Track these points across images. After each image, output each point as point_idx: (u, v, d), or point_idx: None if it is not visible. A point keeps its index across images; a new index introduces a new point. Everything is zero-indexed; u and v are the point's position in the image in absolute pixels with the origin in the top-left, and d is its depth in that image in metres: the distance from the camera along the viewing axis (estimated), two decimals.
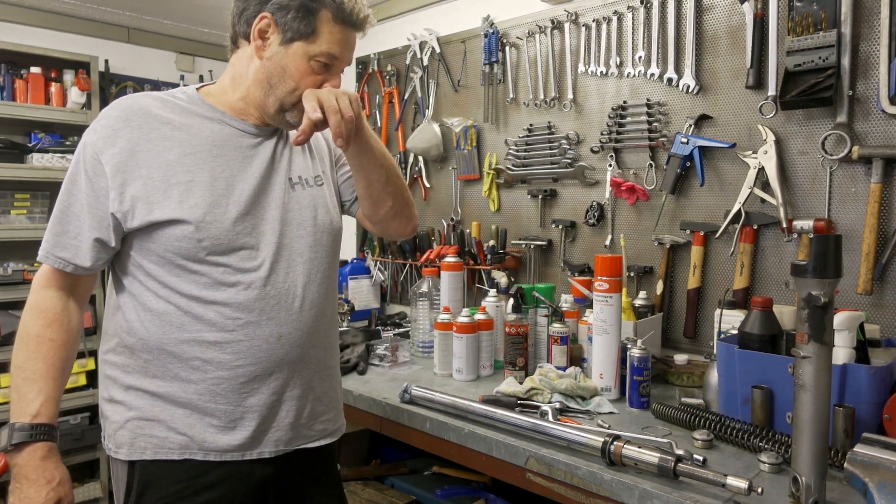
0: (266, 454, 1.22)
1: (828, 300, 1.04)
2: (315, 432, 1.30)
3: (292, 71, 1.19)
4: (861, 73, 1.69)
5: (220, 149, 1.20)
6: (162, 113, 1.19)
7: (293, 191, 1.27)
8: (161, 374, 1.17)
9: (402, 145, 2.94)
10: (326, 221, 1.30)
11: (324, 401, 1.32)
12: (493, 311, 2.00)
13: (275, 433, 1.23)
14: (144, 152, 1.15)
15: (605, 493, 1.24)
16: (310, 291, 1.25)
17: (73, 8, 3.15)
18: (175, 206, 1.13)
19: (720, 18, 1.95)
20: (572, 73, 2.31)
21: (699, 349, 1.98)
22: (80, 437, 3.02)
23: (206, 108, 1.23)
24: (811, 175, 1.79)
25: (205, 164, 1.17)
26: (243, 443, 1.19)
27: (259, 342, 1.19)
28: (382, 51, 3.04)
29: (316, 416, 1.30)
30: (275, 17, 1.18)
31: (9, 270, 2.87)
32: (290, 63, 1.19)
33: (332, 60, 1.21)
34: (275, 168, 1.26)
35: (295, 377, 1.24)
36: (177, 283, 1.16)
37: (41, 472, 1.10)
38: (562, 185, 2.38)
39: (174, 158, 1.15)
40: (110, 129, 1.16)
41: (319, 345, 1.29)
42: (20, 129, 3.04)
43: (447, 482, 2.29)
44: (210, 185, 1.16)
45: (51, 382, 1.15)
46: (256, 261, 1.19)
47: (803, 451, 1.07)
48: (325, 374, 1.32)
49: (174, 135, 1.17)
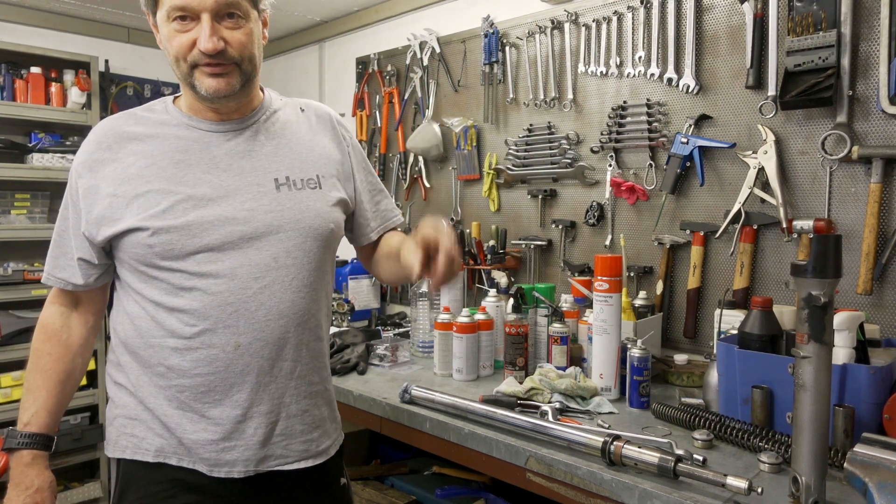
0: (234, 473, 1.16)
1: (828, 300, 1.04)
2: (292, 453, 1.21)
3: (166, 44, 1.14)
4: (861, 73, 1.69)
5: (183, 154, 1.18)
6: (131, 129, 1.20)
7: (278, 192, 1.20)
8: (138, 376, 1.19)
9: (402, 145, 2.94)
10: (315, 226, 1.22)
11: (304, 419, 1.22)
12: (493, 311, 2.00)
13: (243, 451, 1.16)
14: (110, 171, 1.17)
15: (605, 493, 1.24)
16: (280, 300, 1.17)
17: (73, 8, 3.15)
18: (132, 216, 1.14)
19: (720, 18, 1.95)
20: (572, 73, 2.31)
21: (699, 349, 1.98)
22: (80, 437, 3.02)
23: (175, 116, 1.21)
24: (811, 175, 1.79)
25: (164, 171, 1.16)
26: (209, 457, 1.15)
27: (215, 351, 1.13)
28: (382, 51, 3.04)
29: (292, 435, 1.21)
30: (142, 6, 1.17)
31: (9, 270, 2.87)
32: (163, 38, 1.15)
33: (183, 11, 1.10)
34: (253, 167, 1.20)
35: (261, 391, 1.16)
36: (144, 289, 1.17)
37: (22, 478, 1.19)
38: (562, 185, 2.38)
39: (135, 172, 1.16)
40: (87, 153, 1.20)
41: (293, 358, 1.20)
42: (20, 129, 3.04)
43: (447, 482, 2.29)
44: (166, 192, 1.14)
45: (44, 394, 1.23)
46: (215, 265, 1.14)
47: (803, 451, 1.07)
48: (304, 390, 1.23)
49: (138, 149, 1.18)
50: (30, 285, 2.91)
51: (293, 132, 1.28)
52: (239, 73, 1.15)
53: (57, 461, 2.98)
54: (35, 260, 3.01)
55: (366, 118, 3.15)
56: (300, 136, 1.29)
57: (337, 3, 3.08)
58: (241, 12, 1.13)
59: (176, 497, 1.16)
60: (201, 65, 1.12)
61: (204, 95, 1.15)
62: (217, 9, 1.10)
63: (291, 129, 1.29)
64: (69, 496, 3.07)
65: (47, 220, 3.02)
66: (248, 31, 1.14)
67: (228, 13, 1.12)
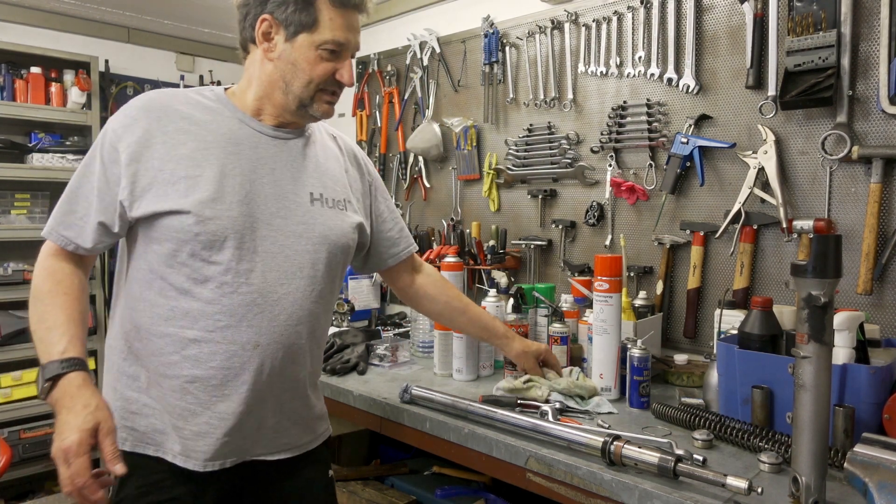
0: (227, 464, 1.20)
1: (828, 300, 1.04)
2: (284, 446, 1.28)
3: (303, 64, 1.20)
4: (861, 73, 1.69)
5: (235, 146, 1.21)
6: (182, 108, 1.21)
7: (311, 205, 1.26)
8: (146, 364, 1.19)
9: (402, 145, 2.94)
10: (340, 243, 1.29)
11: (292, 417, 1.29)
12: (493, 311, 2.00)
13: (240, 443, 1.21)
14: (159, 144, 1.16)
15: (605, 493, 1.24)
16: (300, 307, 1.22)
17: (73, 8, 3.15)
18: (178, 197, 1.13)
19: (720, 18, 1.95)
20: (572, 73, 2.31)
21: (699, 349, 1.98)
22: None
23: (229, 107, 1.25)
24: (811, 175, 1.79)
25: (216, 159, 1.18)
26: (206, 451, 1.17)
27: (235, 347, 1.16)
28: (382, 51, 3.04)
29: (280, 430, 1.27)
30: (275, 16, 1.19)
31: (9, 270, 2.87)
32: (299, 57, 1.20)
33: (339, 46, 1.21)
34: (294, 177, 1.26)
35: (266, 390, 1.21)
36: (170, 275, 1.16)
37: (78, 399, 1.07)
38: (562, 185, 2.38)
39: (186, 152, 1.17)
40: (131, 118, 1.18)
41: (298, 363, 1.25)
42: (20, 129, 3.04)
43: (447, 482, 2.29)
44: (217, 181, 1.16)
45: (73, 326, 1.14)
46: (249, 264, 1.17)
47: (803, 451, 1.07)
48: (298, 392, 1.29)
49: (190, 129, 1.19)
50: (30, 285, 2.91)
51: (331, 156, 1.37)
52: None
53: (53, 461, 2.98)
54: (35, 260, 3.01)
55: (366, 118, 3.15)
56: (335, 160, 1.37)
57: None
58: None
59: (174, 487, 1.19)
60: (327, 92, 1.24)
61: (317, 117, 1.27)
62: (356, 51, 1.28)
63: (330, 154, 1.37)
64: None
65: (47, 220, 3.01)
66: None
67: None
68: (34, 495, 3.05)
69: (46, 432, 2.93)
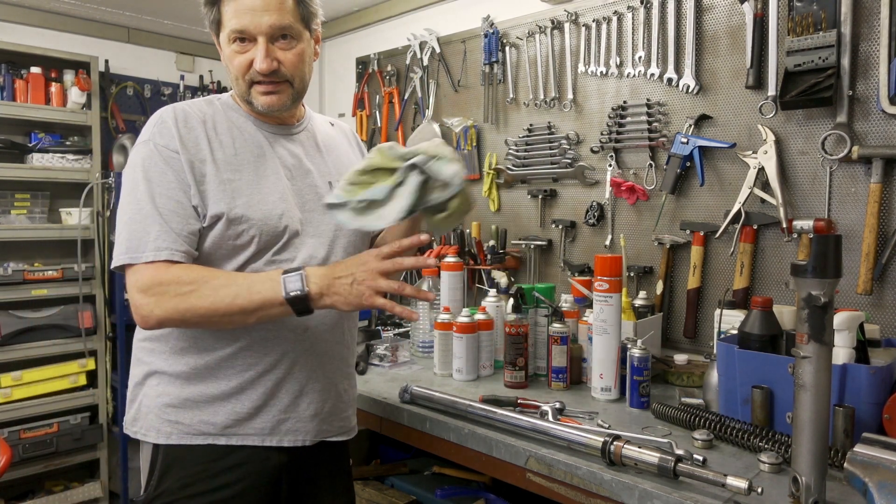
0: (285, 443, 1.25)
1: (828, 300, 1.04)
2: (334, 428, 1.34)
3: (227, 63, 1.23)
4: (861, 73, 1.69)
5: (259, 149, 1.27)
6: (207, 115, 1.24)
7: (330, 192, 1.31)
8: (196, 358, 1.21)
9: (402, 145, 2.94)
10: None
11: (344, 398, 1.36)
12: (493, 311, 2.00)
13: (294, 423, 1.26)
14: (206, 150, 1.20)
15: (605, 493, 1.24)
16: None
17: (73, 8, 3.15)
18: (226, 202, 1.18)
19: (720, 18, 1.95)
20: (572, 73, 2.31)
21: (699, 349, 1.98)
22: (80, 437, 3.02)
23: (243, 113, 1.29)
24: (811, 175, 1.79)
25: (249, 164, 1.24)
26: (264, 428, 1.23)
27: (287, 332, 1.23)
28: (382, 51, 3.04)
29: (336, 412, 1.34)
30: (210, 25, 1.24)
31: (9, 270, 2.86)
32: (224, 57, 1.24)
33: (242, 34, 1.18)
34: (309, 170, 1.31)
35: (318, 371, 1.28)
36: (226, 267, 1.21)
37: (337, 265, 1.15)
38: (562, 185, 2.38)
39: (223, 158, 1.21)
40: (169, 129, 1.19)
41: (343, 342, 1.34)
42: (20, 129, 3.04)
43: (447, 482, 2.29)
44: (254, 184, 1.21)
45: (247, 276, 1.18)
46: (289, 253, 1.23)
47: (803, 451, 1.07)
48: (346, 371, 1.37)
49: (221, 136, 1.23)
50: (30, 285, 2.91)
51: (335, 144, 1.42)
52: (291, 90, 1.25)
53: (57, 461, 2.99)
54: (35, 260, 3.01)
55: (366, 118, 3.16)
56: (340, 147, 1.43)
57: (337, 3, 3.07)
58: (294, 34, 1.21)
59: (217, 477, 1.21)
60: (257, 83, 1.22)
61: (260, 111, 1.25)
62: (271, 32, 1.18)
63: (333, 142, 1.42)
64: (69, 496, 3.07)
65: (47, 220, 3.02)
66: (299, 51, 1.23)
67: (282, 35, 1.20)
68: (34, 495, 3.05)
69: (46, 432, 2.93)
